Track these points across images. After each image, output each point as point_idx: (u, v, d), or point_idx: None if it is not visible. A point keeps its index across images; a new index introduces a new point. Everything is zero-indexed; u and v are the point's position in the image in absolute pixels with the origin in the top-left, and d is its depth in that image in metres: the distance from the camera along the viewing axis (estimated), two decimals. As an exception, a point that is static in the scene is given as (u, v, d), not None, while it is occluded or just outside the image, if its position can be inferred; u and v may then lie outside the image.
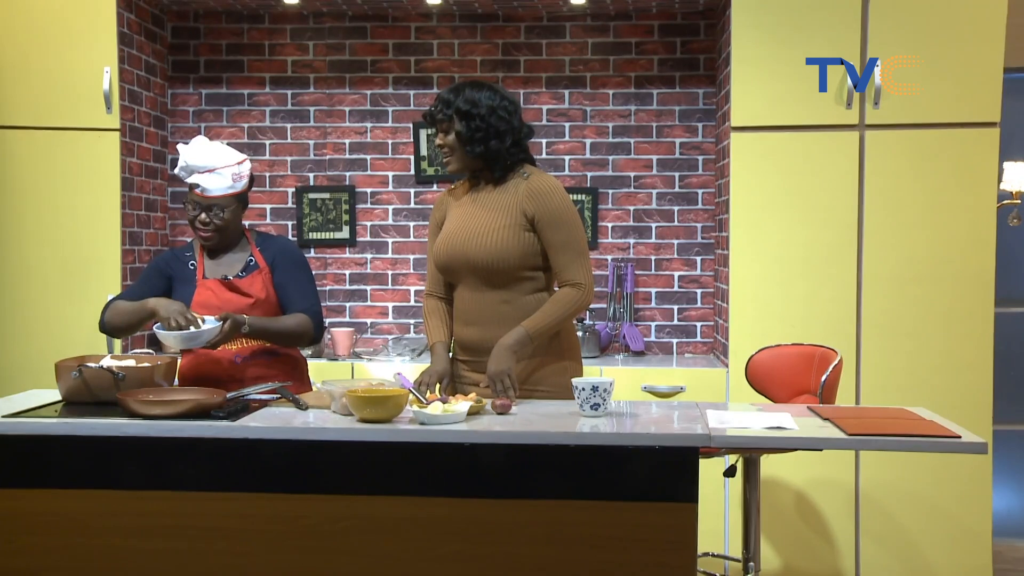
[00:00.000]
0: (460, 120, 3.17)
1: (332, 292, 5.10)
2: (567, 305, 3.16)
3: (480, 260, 3.17)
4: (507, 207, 3.19)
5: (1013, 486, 5.26)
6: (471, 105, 3.17)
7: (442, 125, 3.22)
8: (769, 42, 4.28)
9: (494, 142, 3.18)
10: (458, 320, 3.30)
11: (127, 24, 4.61)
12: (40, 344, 4.46)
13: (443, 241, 3.27)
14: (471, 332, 3.25)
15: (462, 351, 3.32)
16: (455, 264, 3.24)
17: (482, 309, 3.22)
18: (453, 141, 3.20)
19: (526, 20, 5.01)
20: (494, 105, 3.18)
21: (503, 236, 3.16)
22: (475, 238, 3.18)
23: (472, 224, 3.21)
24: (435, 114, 3.23)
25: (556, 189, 3.20)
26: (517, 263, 3.18)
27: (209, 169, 3.31)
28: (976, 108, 4.24)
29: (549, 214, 3.16)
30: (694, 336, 5.01)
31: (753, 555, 3.60)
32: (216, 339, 3.14)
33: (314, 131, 5.11)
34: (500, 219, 3.18)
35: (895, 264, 4.28)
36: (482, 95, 3.19)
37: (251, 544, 2.79)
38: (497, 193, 3.23)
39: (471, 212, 3.24)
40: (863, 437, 2.76)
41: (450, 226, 3.28)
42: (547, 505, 2.73)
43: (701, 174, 4.99)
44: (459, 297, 3.29)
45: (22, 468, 2.86)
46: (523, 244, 3.17)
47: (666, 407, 3.22)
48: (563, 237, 3.17)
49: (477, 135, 3.17)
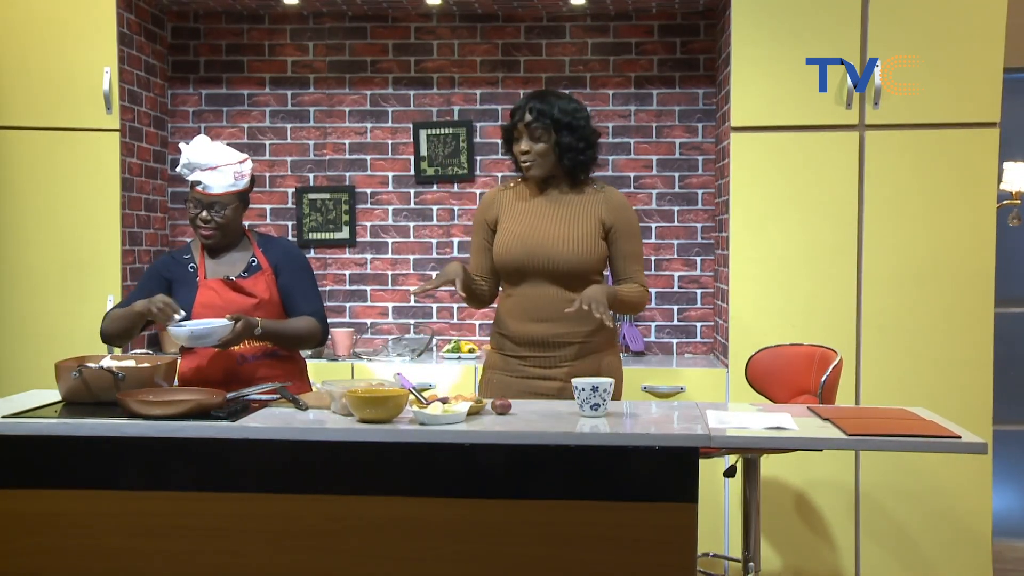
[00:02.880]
0: (561, 131, 3.34)
1: (332, 292, 5.10)
2: (639, 296, 3.42)
3: (563, 264, 3.35)
4: (587, 215, 3.39)
5: (1013, 486, 5.26)
6: (571, 116, 3.36)
7: (535, 132, 3.35)
8: (769, 42, 4.28)
9: (590, 152, 3.40)
10: (520, 317, 3.41)
11: (127, 24, 4.61)
12: (40, 344, 4.45)
13: (515, 240, 3.40)
14: (539, 328, 3.38)
15: (524, 347, 3.41)
16: (532, 263, 3.37)
17: (551, 306, 3.36)
18: (544, 149, 3.36)
19: (526, 20, 5.02)
20: (587, 115, 3.43)
21: (587, 243, 3.36)
22: (559, 243, 3.35)
23: (552, 228, 3.37)
24: (530, 122, 3.35)
25: (629, 204, 3.47)
26: (594, 268, 3.40)
27: (211, 167, 3.32)
28: (976, 108, 4.23)
29: (627, 226, 3.41)
30: (694, 336, 5.01)
31: (753, 555, 3.60)
32: (227, 339, 3.15)
33: (314, 131, 5.11)
34: (582, 226, 3.37)
35: (895, 264, 4.28)
36: (574, 106, 3.40)
37: (251, 544, 2.79)
38: (575, 200, 3.42)
39: (547, 216, 3.40)
40: (863, 437, 2.77)
41: (520, 227, 3.41)
42: (547, 505, 2.73)
43: (701, 174, 4.99)
44: (522, 294, 3.41)
45: (22, 468, 2.87)
46: (601, 251, 3.39)
47: (666, 407, 3.22)
48: (633, 248, 3.43)
49: (580, 145, 3.36)
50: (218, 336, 3.13)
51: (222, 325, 3.13)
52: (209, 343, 3.16)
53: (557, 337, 3.36)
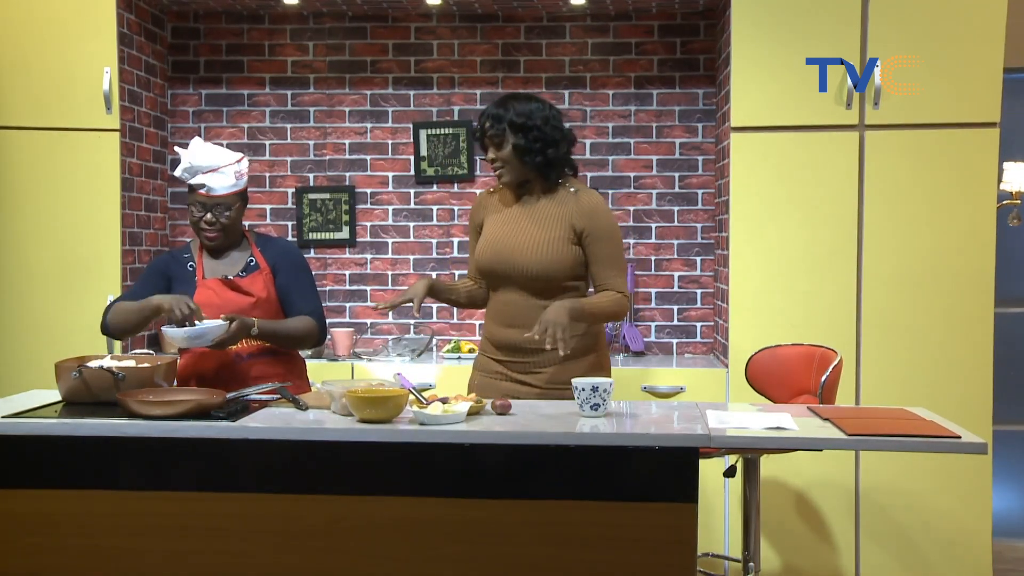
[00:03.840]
0: (516, 133, 3.28)
1: (332, 292, 5.10)
2: (614, 305, 3.30)
3: (530, 270, 3.29)
4: (558, 220, 3.32)
5: (1013, 486, 5.26)
6: (525, 117, 3.29)
7: (494, 140, 3.32)
8: (769, 42, 4.28)
9: (551, 151, 3.31)
10: (498, 321, 3.39)
11: (127, 24, 4.61)
12: (40, 344, 4.45)
13: (489, 247, 3.37)
14: (513, 333, 3.34)
15: (501, 351, 3.39)
16: (502, 270, 3.34)
17: (527, 313, 3.30)
18: (508, 154, 3.31)
19: (526, 20, 5.01)
20: (547, 115, 3.32)
21: (554, 248, 3.30)
22: (526, 248, 3.30)
23: (522, 234, 3.33)
24: (486, 131, 3.32)
25: (604, 207, 3.37)
26: (565, 274, 3.32)
27: (213, 168, 3.32)
28: (976, 108, 4.23)
29: (599, 230, 3.31)
30: (694, 336, 5.01)
31: (753, 555, 3.60)
32: (222, 339, 3.15)
33: (314, 131, 5.11)
34: (551, 231, 3.31)
35: (895, 264, 4.28)
36: (532, 107, 3.32)
37: (251, 544, 2.79)
38: (547, 204, 3.35)
39: (519, 221, 3.35)
40: (863, 437, 2.77)
41: (495, 232, 3.37)
42: (547, 505, 2.73)
43: (701, 174, 4.99)
44: (499, 300, 3.39)
45: (22, 468, 2.87)
46: (571, 256, 3.31)
47: (666, 407, 3.23)
48: (609, 251, 3.33)
49: (536, 145, 3.29)
50: (213, 336, 3.13)
51: (217, 325, 3.13)
52: (204, 343, 3.16)
53: (532, 343, 3.25)
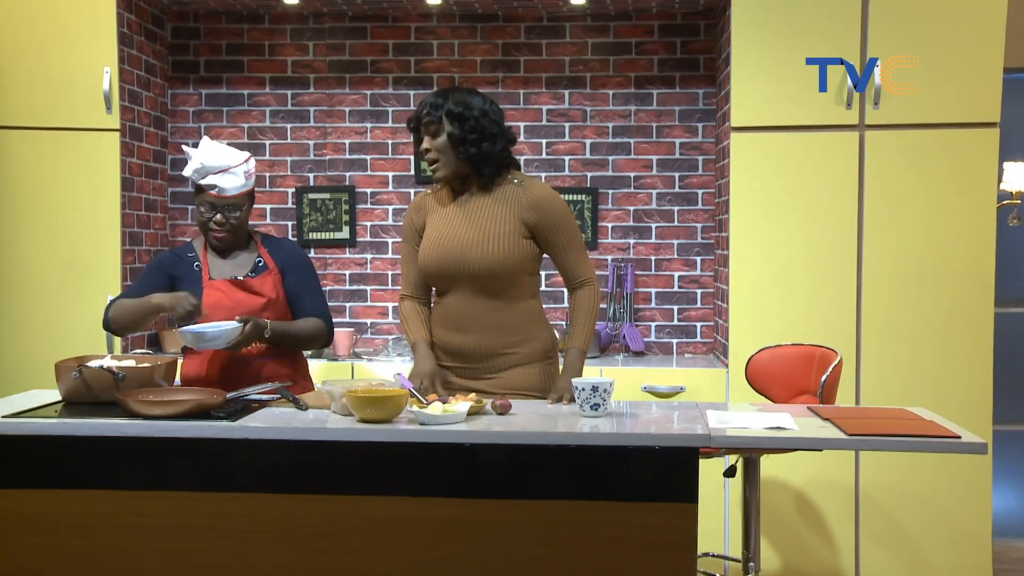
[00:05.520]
0: (452, 122, 3.18)
1: (332, 292, 5.10)
2: (593, 307, 3.27)
3: (481, 267, 3.18)
4: (504, 215, 3.22)
5: (1013, 486, 5.26)
6: (463, 107, 3.18)
7: (430, 128, 3.20)
8: (769, 42, 4.28)
9: (486, 144, 3.20)
10: (447, 326, 3.28)
11: (127, 24, 4.61)
12: (40, 344, 4.45)
13: (434, 247, 3.25)
14: (463, 339, 3.25)
15: (450, 357, 3.30)
16: (450, 271, 3.22)
17: (477, 316, 3.22)
18: (443, 144, 3.19)
19: (526, 20, 5.01)
20: (485, 108, 3.21)
21: (504, 243, 3.18)
22: (475, 246, 3.18)
23: (468, 231, 3.21)
24: (422, 117, 3.21)
25: (553, 196, 3.27)
26: (516, 269, 3.21)
27: (223, 169, 3.30)
28: (976, 108, 4.24)
29: (553, 219, 3.23)
30: (694, 336, 5.01)
31: (753, 555, 3.60)
32: (236, 341, 3.14)
33: (314, 131, 5.11)
34: (499, 226, 3.20)
35: (895, 264, 4.28)
36: (473, 99, 3.22)
37: (251, 544, 2.79)
38: (490, 200, 3.24)
39: (463, 219, 3.23)
40: (863, 437, 2.76)
41: (439, 232, 3.25)
42: (547, 505, 2.73)
43: (701, 174, 4.99)
44: (448, 304, 3.27)
45: (22, 468, 2.86)
46: (522, 251, 3.21)
47: (666, 407, 3.22)
48: (566, 238, 3.25)
49: (470, 136, 3.18)
50: (227, 339, 3.13)
51: (232, 327, 3.13)
52: (218, 345, 3.15)
53: (481, 348, 3.22)
